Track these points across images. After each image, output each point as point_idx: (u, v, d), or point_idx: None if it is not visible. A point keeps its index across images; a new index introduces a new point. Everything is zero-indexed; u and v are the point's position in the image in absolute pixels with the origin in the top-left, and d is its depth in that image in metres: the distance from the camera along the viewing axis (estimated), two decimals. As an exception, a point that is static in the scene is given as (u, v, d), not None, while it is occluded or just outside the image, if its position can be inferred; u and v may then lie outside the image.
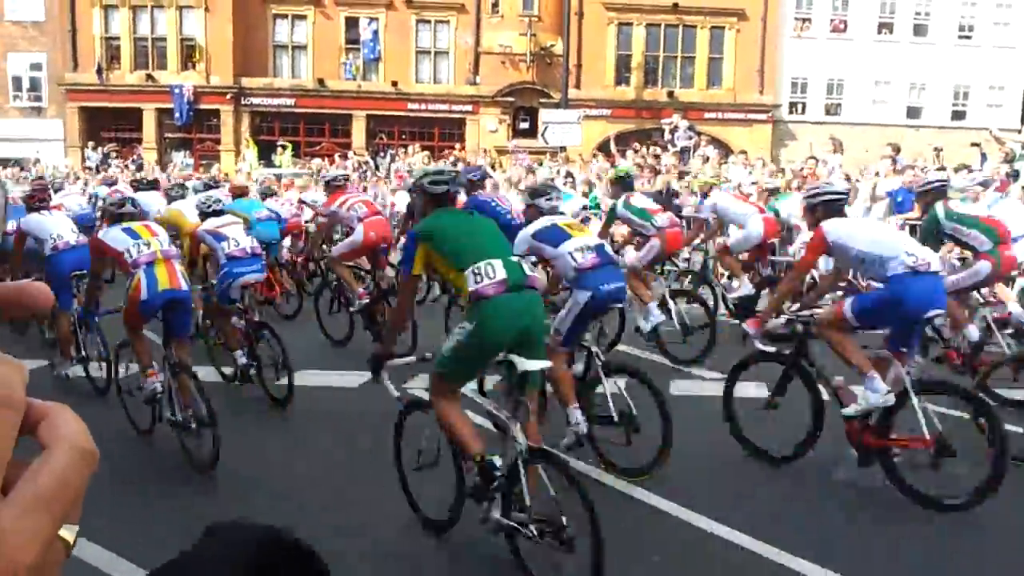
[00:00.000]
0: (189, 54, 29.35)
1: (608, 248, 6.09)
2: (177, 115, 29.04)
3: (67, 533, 0.44)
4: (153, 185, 13.78)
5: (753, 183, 14.31)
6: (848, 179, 13.48)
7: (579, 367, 5.73)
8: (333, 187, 9.77)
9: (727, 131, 29.68)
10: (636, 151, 18.61)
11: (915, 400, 4.81)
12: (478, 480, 4.10)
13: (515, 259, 4.37)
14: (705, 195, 11.85)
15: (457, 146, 25.98)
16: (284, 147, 25.91)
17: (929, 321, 5.57)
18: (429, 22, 30.23)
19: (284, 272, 10.96)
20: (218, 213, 7.51)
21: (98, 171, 23.75)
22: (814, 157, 15.11)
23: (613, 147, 20.19)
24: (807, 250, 5.92)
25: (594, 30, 30.15)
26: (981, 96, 31.91)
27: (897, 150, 14.67)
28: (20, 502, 0.42)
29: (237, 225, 7.43)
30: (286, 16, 29.99)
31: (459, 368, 4.33)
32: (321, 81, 29.58)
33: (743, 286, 9.64)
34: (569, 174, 17.14)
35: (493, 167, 19.56)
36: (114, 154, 27.57)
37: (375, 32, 29.42)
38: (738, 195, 11.97)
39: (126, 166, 25.73)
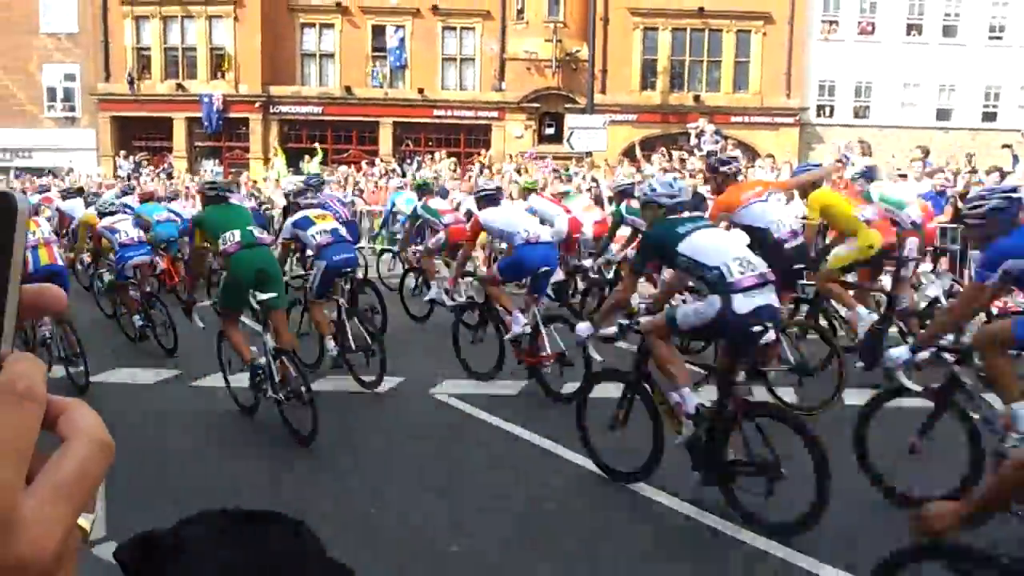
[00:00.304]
0: (218, 63, 29.71)
1: (343, 231, 8.04)
2: (206, 124, 29.39)
3: (84, 521, 0.47)
4: (79, 192, 16.44)
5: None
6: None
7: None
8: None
9: (754, 135, 29.51)
10: (662, 156, 18.55)
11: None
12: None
13: (250, 228, 6.69)
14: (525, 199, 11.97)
15: (482, 151, 26.02)
16: (314, 154, 26.11)
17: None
18: (455, 29, 30.36)
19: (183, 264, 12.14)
20: (112, 213, 9.56)
21: (129, 179, 24.06)
22: (840, 160, 14.99)
23: (639, 152, 20.17)
24: None
25: (619, 35, 30.12)
26: (1013, 97, 31.46)
27: (926, 153, 14.53)
28: (43, 492, 0.44)
29: (126, 220, 9.57)
30: (313, 25, 30.26)
31: (229, 300, 6.67)
32: (348, 89, 29.79)
33: None
34: (594, 179, 17.12)
35: (519, 172, 19.59)
36: (145, 163, 27.99)
37: (401, 40, 29.61)
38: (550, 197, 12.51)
39: (157, 174, 26.11)
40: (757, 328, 4.57)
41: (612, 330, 5.33)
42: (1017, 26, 31.35)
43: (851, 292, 7.61)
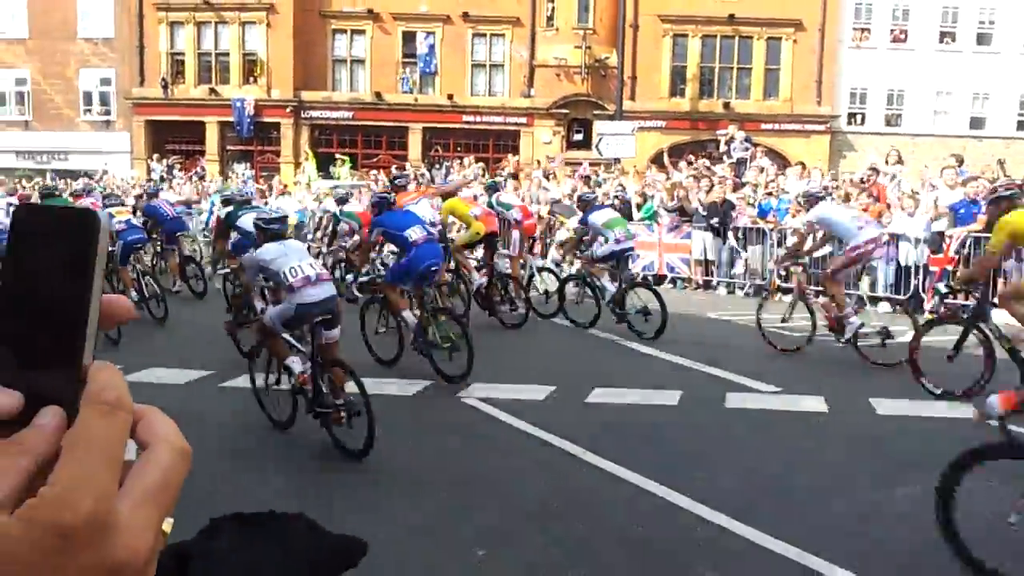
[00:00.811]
0: (251, 68, 30.04)
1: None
2: (238, 128, 29.72)
3: (166, 526, 0.50)
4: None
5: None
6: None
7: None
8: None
9: (784, 142, 29.31)
10: (689, 163, 18.49)
11: None
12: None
13: None
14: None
15: (510, 156, 26.06)
16: (343, 160, 26.32)
17: None
18: (485, 35, 30.47)
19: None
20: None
21: (162, 182, 24.38)
22: (875, 168, 14.87)
23: (667, 159, 20.11)
24: None
25: (649, 42, 30.07)
26: (1047, 106, 31.03)
27: (960, 161, 14.36)
28: (134, 498, 0.46)
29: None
30: (345, 31, 30.50)
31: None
32: (379, 94, 29.98)
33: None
34: (621, 186, 17.11)
35: (548, 178, 19.61)
36: (178, 166, 28.34)
37: (431, 46, 29.76)
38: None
39: (190, 178, 26.44)
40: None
41: None
42: (1053, 34, 30.91)
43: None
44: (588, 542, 4.54)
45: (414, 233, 7.97)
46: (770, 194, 14.99)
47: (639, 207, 16.27)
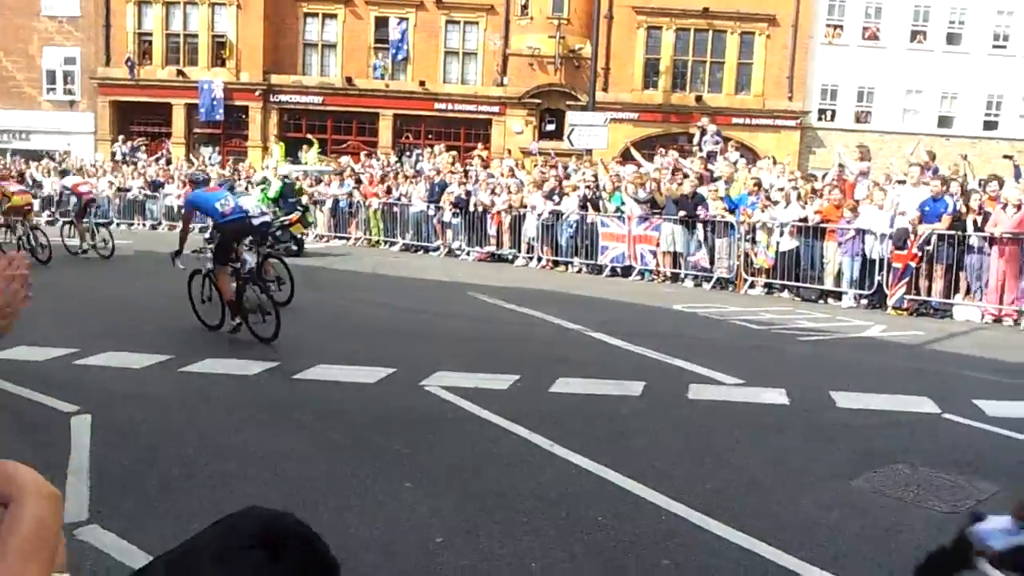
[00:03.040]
0: (220, 51, 29.61)
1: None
2: (203, 110, 29.27)
3: None
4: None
5: (781, 189, 14.18)
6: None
7: None
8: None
9: (755, 137, 29.49)
10: (662, 155, 18.49)
11: None
12: None
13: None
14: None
15: (480, 146, 25.93)
16: (311, 143, 26.03)
17: None
18: (458, 23, 30.28)
19: None
20: None
21: (125, 163, 24.02)
22: (843, 164, 14.95)
23: (635, 153, 20.12)
24: None
25: (623, 33, 30.05)
26: (1014, 106, 31.46)
27: (933, 156, 14.46)
28: (9, 558, 0.42)
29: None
30: (316, 15, 30.18)
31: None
32: (349, 80, 29.71)
33: None
34: (595, 176, 17.07)
35: (518, 167, 19.54)
36: (143, 148, 27.89)
37: (404, 32, 29.53)
38: None
39: (156, 160, 26.03)
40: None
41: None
42: (1021, 35, 31.33)
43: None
44: (548, 532, 4.48)
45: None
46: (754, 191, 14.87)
47: (609, 197, 16.26)
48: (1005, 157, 15.35)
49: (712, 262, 14.32)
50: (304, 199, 19.06)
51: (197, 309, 9.20)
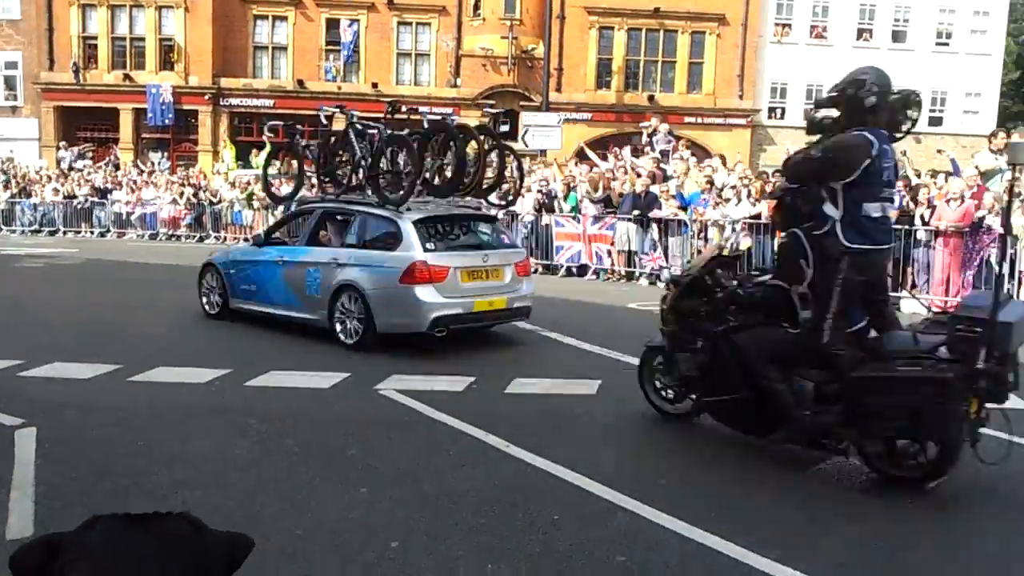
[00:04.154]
0: (168, 54, 29.13)
1: None
2: (151, 115, 28.75)
3: None
4: None
5: (732, 186, 14.37)
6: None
7: None
8: None
9: (707, 135, 29.81)
10: (615, 155, 18.61)
11: None
12: None
13: None
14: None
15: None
16: (264, 146, 25.70)
17: None
18: (410, 24, 30.17)
19: None
20: None
21: (71, 170, 23.54)
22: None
23: (590, 153, 20.23)
24: None
25: (575, 34, 30.19)
26: (958, 102, 32.22)
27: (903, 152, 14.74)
28: None
29: None
30: (266, 17, 29.85)
31: None
32: (301, 82, 29.44)
33: None
34: (544, 179, 17.08)
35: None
36: (90, 154, 27.35)
37: (356, 33, 29.33)
38: None
39: (103, 166, 25.53)
40: None
41: None
42: (963, 32, 32.11)
43: None
44: (504, 533, 4.48)
45: None
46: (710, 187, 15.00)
47: (564, 198, 16.32)
48: (939, 152, 15.68)
49: (666, 260, 14.45)
50: None
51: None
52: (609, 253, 15.16)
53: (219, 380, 7.35)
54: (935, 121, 32.18)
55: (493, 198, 10.16)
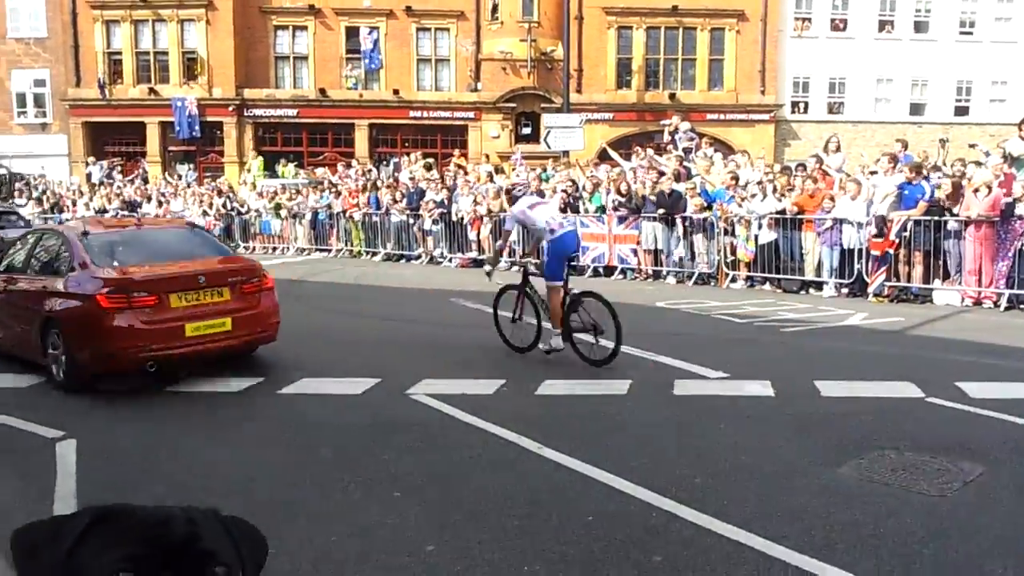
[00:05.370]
0: (191, 67, 29.45)
1: None
2: (178, 128, 29.10)
3: None
4: None
5: (758, 182, 14.26)
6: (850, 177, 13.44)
7: None
8: None
9: (729, 132, 29.63)
10: (638, 155, 18.52)
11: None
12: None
13: None
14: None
15: (456, 152, 25.89)
16: (288, 161, 26.02)
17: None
18: (429, 30, 30.28)
19: None
20: None
21: (101, 185, 23.83)
22: (817, 155, 15.05)
23: (612, 153, 20.17)
24: None
25: (594, 34, 30.15)
26: (984, 91, 31.79)
27: (905, 145, 14.58)
28: None
29: None
30: (287, 27, 30.09)
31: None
32: (323, 91, 29.63)
33: None
34: (572, 181, 17.03)
35: (497, 171, 19.54)
36: (119, 168, 27.70)
37: (376, 41, 29.49)
38: None
39: (131, 180, 25.84)
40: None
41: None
42: (987, 21, 31.67)
43: None
44: (539, 534, 4.48)
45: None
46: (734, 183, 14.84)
47: (589, 198, 16.29)
48: (971, 146, 15.48)
49: (693, 258, 14.38)
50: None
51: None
52: (635, 252, 15.11)
53: (252, 388, 7.42)
54: (961, 111, 31.77)
55: None
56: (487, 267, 9.42)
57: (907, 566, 3.98)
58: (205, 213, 22.51)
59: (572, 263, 8.87)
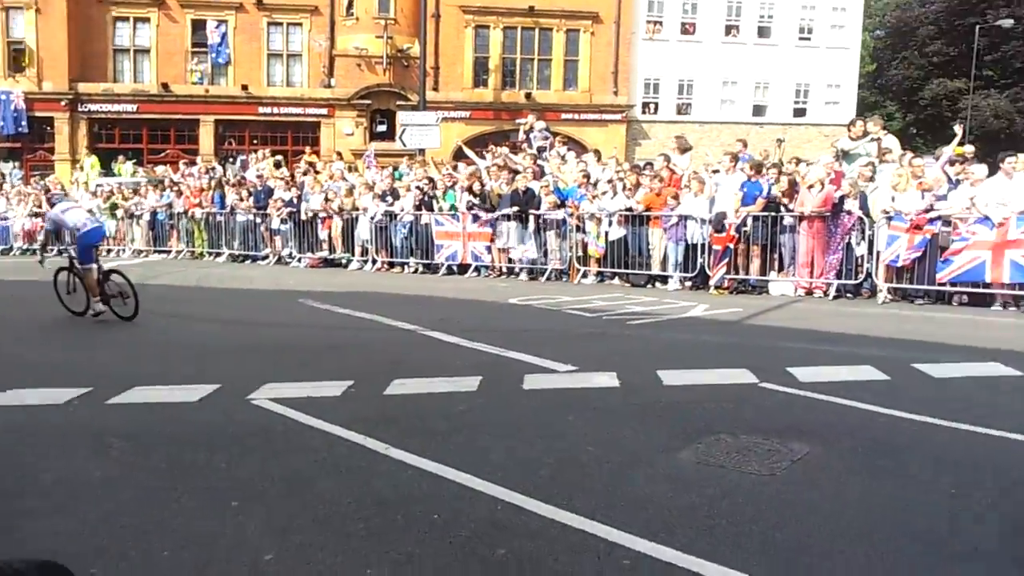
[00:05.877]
0: (17, 58, 27.46)
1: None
2: (1, 123, 27.06)
3: None
4: None
5: (609, 180, 14.60)
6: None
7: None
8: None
9: (583, 131, 30.29)
10: (493, 153, 18.63)
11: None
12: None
13: None
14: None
15: (308, 150, 25.28)
16: (126, 158, 24.66)
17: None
18: (281, 24, 29.47)
19: None
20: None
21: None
22: (665, 155, 15.56)
23: (468, 152, 20.22)
24: None
25: (451, 32, 30.15)
26: (820, 94, 33.86)
27: (745, 144, 15.33)
28: None
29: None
30: (127, 19, 28.58)
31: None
32: (165, 86, 28.32)
33: None
34: (429, 179, 16.94)
35: (349, 170, 19.21)
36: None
37: (223, 35, 28.42)
38: None
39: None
40: None
41: None
42: (823, 27, 33.76)
43: None
44: (383, 536, 4.36)
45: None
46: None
47: (443, 196, 16.24)
48: (777, 140, 16.39)
49: (546, 255, 14.57)
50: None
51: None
52: (489, 250, 15.17)
53: (78, 400, 6.93)
54: (799, 112, 33.71)
55: None
56: (39, 257, 11.52)
57: (737, 543, 4.11)
58: (35, 214, 21.04)
59: (98, 249, 11.18)
